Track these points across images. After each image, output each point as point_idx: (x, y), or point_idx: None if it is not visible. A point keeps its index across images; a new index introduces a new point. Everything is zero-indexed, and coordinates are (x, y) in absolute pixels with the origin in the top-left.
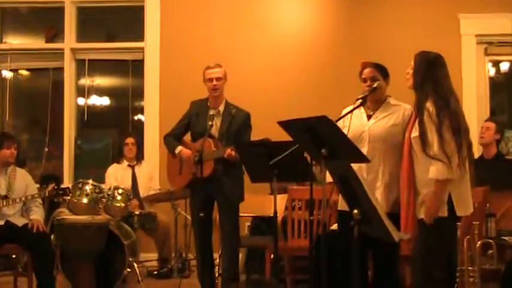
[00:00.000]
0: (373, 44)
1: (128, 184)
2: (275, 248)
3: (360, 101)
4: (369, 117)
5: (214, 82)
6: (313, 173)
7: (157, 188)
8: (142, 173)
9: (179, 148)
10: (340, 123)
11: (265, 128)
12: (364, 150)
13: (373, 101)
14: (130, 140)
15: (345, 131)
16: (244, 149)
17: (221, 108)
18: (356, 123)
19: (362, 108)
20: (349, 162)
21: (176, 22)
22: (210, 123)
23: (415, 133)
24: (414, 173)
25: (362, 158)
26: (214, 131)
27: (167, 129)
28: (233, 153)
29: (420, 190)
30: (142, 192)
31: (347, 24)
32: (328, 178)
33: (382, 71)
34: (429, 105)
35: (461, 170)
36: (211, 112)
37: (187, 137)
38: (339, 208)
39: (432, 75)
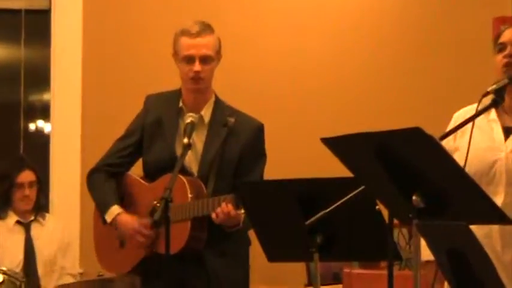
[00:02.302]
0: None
1: (16, 260)
2: None
3: (491, 97)
4: (508, 131)
5: (197, 66)
6: (395, 244)
7: (77, 272)
8: (47, 240)
9: (114, 211)
10: (448, 143)
11: (294, 153)
12: (498, 198)
13: None
14: (27, 176)
15: (458, 157)
16: (254, 196)
17: (206, 112)
18: (482, 144)
19: (493, 113)
20: (468, 223)
21: None
22: (185, 141)
23: None
24: None
25: (496, 216)
26: (191, 159)
27: (97, 150)
28: (232, 211)
29: None
30: (47, 280)
31: None
32: (426, 254)
33: None
34: None
35: None
36: (190, 118)
37: (137, 169)
38: None
39: None
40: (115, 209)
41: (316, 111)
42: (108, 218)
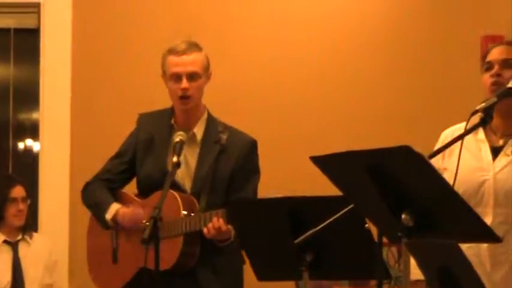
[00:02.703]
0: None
1: (4, 281)
2: None
3: (479, 116)
4: (496, 151)
5: (184, 83)
6: (384, 263)
7: None
8: (34, 259)
9: (114, 207)
10: (437, 162)
11: (284, 170)
12: (487, 220)
13: (508, 116)
14: (19, 191)
15: (447, 177)
16: (243, 214)
17: (198, 130)
18: (470, 164)
19: (481, 133)
20: (457, 243)
21: None
22: (175, 159)
23: None
24: None
25: (485, 234)
26: (184, 175)
27: (86, 169)
28: (223, 226)
29: None
30: None
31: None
32: (415, 273)
33: None
34: None
35: None
36: (179, 137)
37: (131, 188)
38: None
39: None
40: (115, 206)
41: (308, 128)
42: (109, 215)
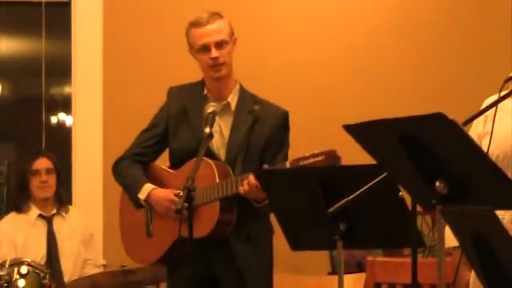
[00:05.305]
0: None
1: (39, 255)
2: None
3: None
4: None
5: (214, 52)
6: (418, 232)
7: (101, 264)
8: (70, 233)
9: (148, 188)
10: (477, 127)
11: (317, 140)
12: None
13: None
14: (42, 163)
15: (484, 144)
16: (276, 184)
17: (232, 99)
18: (510, 128)
19: None
20: (493, 209)
21: None
22: (207, 130)
23: None
24: None
25: None
26: (219, 144)
27: (118, 142)
28: (255, 184)
29: None
30: (71, 272)
31: None
32: (450, 240)
33: None
34: None
35: None
36: (211, 108)
37: (163, 160)
38: None
39: None
40: (148, 186)
41: (339, 99)
42: (142, 195)
